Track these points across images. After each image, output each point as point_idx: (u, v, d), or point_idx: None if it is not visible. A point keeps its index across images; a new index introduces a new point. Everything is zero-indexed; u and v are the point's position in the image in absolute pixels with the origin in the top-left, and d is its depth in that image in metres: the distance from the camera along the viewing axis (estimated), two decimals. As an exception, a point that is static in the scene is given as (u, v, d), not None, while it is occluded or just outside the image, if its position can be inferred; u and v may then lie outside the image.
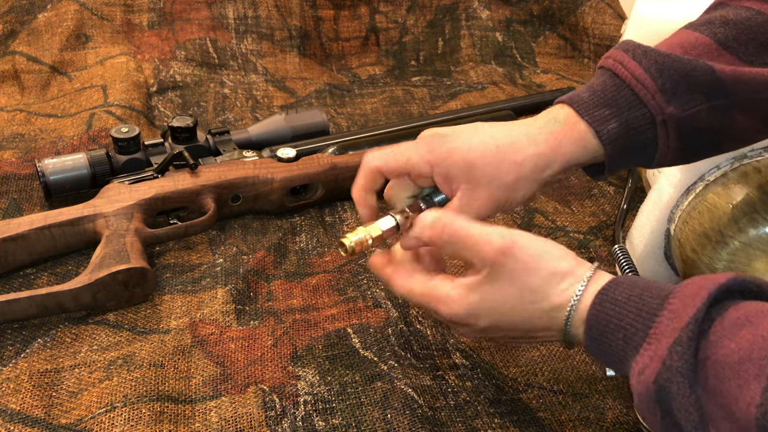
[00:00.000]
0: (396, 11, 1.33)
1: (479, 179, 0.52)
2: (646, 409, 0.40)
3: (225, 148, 0.85)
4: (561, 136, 0.52)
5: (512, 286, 0.47)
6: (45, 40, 1.12)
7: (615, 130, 0.51)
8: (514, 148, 0.52)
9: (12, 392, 0.57)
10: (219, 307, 0.67)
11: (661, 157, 0.53)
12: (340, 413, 0.57)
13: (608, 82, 0.52)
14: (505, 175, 0.52)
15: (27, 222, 0.70)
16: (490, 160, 0.51)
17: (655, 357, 0.39)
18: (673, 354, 0.38)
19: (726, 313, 0.38)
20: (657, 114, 0.50)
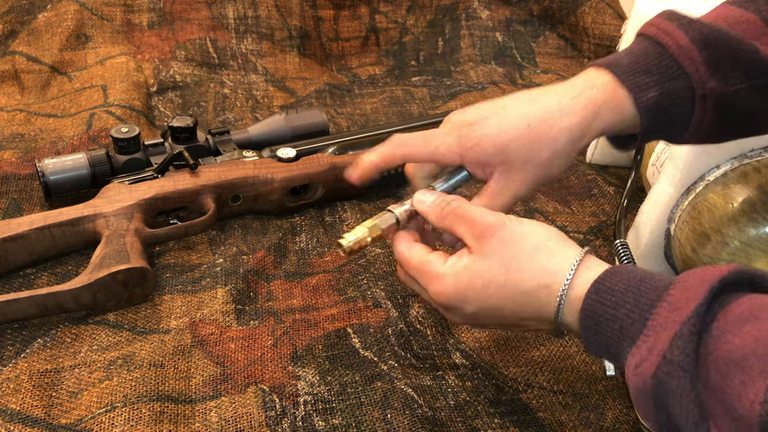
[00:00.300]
0: (396, 11, 1.33)
1: (513, 161, 0.51)
2: (641, 403, 0.39)
3: (225, 148, 0.85)
4: (600, 103, 0.50)
5: (498, 260, 0.46)
6: (45, 40, 1.12)
7: (654, 98, 0.49)
8: (548, 125, 0.50)
9: (12, 392, 0.57)
10: (219, 307, 0.67)
11: (692, 132, 0.51)
12: (340, 413, 0.57)
13: (650, 49, 0.50)
14: (540, 153, 0.50)
15: (27, 222, 0.70)
16: (523, 141, 0.50)
17: (654, 350, 0.38)
18: (674, 348, 0.36)
19: (729, 307, 0.37)
20: (698, 87, 0.49)
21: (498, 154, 0.51)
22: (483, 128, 0.51)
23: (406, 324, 0.66)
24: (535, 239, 0.46)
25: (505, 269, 0.46)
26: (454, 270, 0.48)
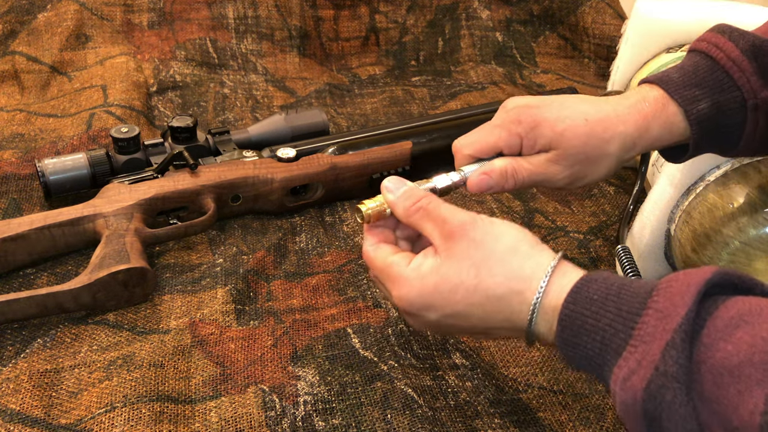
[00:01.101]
0: (396, 11, 1.33)
1: (566, 150, 0.51)
2: (630, 419, 0.37)
3: (225, 148, 0.85)
4: (650, 117, 0.51)
5: (468, 262, 0.44)
6: (45, 40, 1.12)
7: (705, 111, 0.49)
8: (603, 126, 0.51)
9: (12, 392, 0.57)
10: (219, 307, 0.67)
11: (746, 144, 0.51)
12: (340, 413, 0.57)
13: (701, 63, 0.51)
14: (592, 150, 0.51)
15: (27, 222, 0.70)
16: (579, 133, 0.50)
17: (644, 361, 0.36)
18: (667, 358, 0.34)
19: (717, 312, 0.35)
20: (750, 97, 0.49)
21: (553, 140, 0.51)
22: (543, 113, 0.52)
23: (406, 324, 0.66)
24: (507, 240, 0.44)
25: (476, 272, 0.44)
26: (418, 273, 0.46)
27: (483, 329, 0.45)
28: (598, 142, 0.51)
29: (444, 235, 0.46)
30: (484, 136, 0.54)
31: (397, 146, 0.88)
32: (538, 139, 0.52)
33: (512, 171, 0.53)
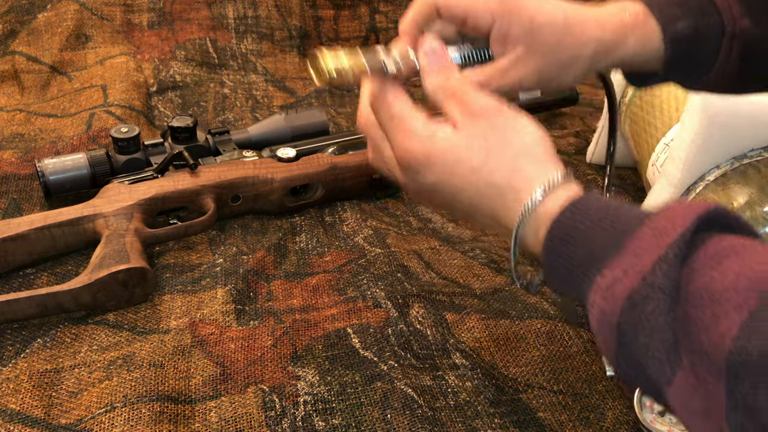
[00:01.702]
0: (396, 11, 1.32)
1: (538, 46, 0.48)
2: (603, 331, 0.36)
3: (225, 148, 0.85)
4: (629, 28, 0.49)
5: (482, 143, 0.43)
6: (45, 40, 1.12)
7: (682, 31, 0.49)
8: (582, 27, 0.49)
9: (12, 392, 0.57)
10: (219, 307, 0.67)
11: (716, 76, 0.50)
12: (340, 413, 0.57)
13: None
14: (566, 50, 0.49)
15: (27, 222, 0.70)
16: (556, 29, 0.48)
17: (631, 271, 0.34)
18: (657, 270, 0.33)
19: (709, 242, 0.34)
20: (729, 24, 0.48)
21: (527, 33, 0.48)
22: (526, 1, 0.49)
23: (406, 324, 0.66)
24: (526, 138, 0.43)
25: (485, 154, 0.43)
26: (432, 133, 0.45)
27: (469, 210, 0.45)
28: (574, 42, 0.49)
29: (466, 114, 0.44)
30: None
31: (397, 146, 0.88)
32: (513, 25, 0.48)
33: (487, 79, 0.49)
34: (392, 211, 0.86)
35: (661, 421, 0.55)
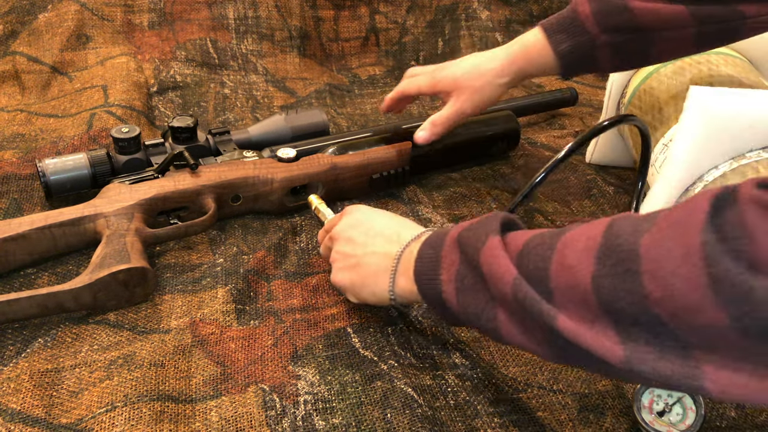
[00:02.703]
0: (396, 11, 1.33)
1: (461, 88, 0.78)
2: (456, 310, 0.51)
3: (225, 148, 0.85)
4: (517, 55, 0.76)
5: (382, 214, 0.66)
6: (45, 41, 1.13)
7: (568, 49, 0.73)
8: (480, 67, 0.77)
9: (12, 392, 0.57)
10: (219, 306, 0.67)
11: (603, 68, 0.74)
12: (340, 413, 0.57)
13: (568, 14, 0.73)
14: (476, 81, 0.77)
15: (27, 222, 0.70)
16: (467, 76, 0.77)
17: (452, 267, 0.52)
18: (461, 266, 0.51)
19: (514, 234, 0.49)
20: (596, 40, 0.71)
21: (452, 84, 0.78)
22: (446, 70, 0.80)
23: (406, 324, 0.67)
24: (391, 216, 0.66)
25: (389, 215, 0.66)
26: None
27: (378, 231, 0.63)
28: (479, 76, 0.77)
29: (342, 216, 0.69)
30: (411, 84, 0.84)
31: (397, 146, 0.88)
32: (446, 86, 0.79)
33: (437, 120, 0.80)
34: (392, 211, 0.86)
35: (660, 421, 0.55)
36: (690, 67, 0.84)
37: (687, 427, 0.54)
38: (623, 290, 0.38)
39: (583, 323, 0.40)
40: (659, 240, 0.37)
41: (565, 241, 0.43)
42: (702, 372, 0.36)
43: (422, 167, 0.92)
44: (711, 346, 0.35)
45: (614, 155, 0.97)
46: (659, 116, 0.82)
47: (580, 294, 0.41)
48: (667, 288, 0.36)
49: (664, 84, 0.85)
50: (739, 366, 0.35)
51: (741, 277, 0.33)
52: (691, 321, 0.35)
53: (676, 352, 0.37)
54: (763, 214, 0.33)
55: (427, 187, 0.92)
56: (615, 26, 0.70)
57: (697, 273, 0.34)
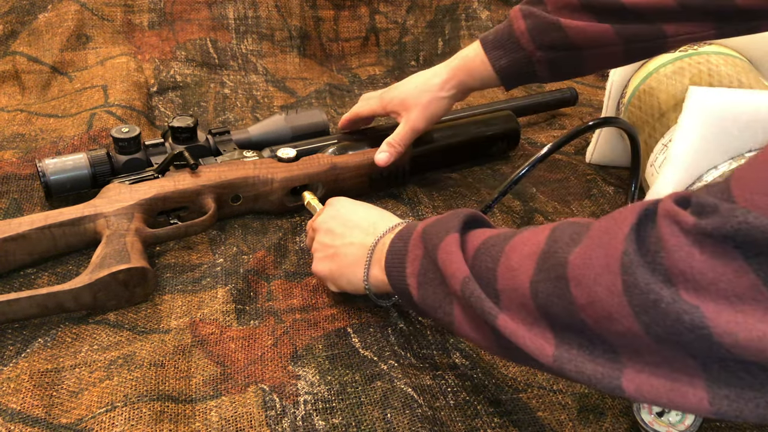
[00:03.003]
0: (396, 11, 1.33)
1: (409, 106, 0.81)
2: (422, 301, 0.53)
3: (225, 148, 0.85)
4: (458, 69, 0.79)
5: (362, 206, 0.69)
6: (45, 41, 1.13)
7: (506, 64, 0.76)
8: (425, 84, 0.81)
9: (12, 392, 0.57)
10: (219, 306, 0.67)
11: (541, 79, 0.76)
12: (340, 413, 0.57)
13: (506, 30, 0.76)
14: (422, 98, 0.80)
15: (27, 222, 0.70)
16: (413, 95, 0.81)
17: (411, 265, 0.55)
18: (424, 260, 0.53)
19: (469, 233, 0.51)
20: (532, 56, 0.74)
21: (401, 104, 0.82)
22: (394, 92, 0.83)
23: (406, 323, 0.67)
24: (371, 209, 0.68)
25: (367, 208, 0.68)
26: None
27: (356, 222, 0.65)
28: (424, 92, 0.80)
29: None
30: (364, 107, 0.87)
31: (397, 146, 0.88)
32: (395, 107, 0.83)
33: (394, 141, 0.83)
34: (392, 210, 0.86)
35: (660, 421, 0.55)
36: (690, 67, 0.84)
37: (686, 428, 0.54)
38: (555, 296, 0.40)
39: (523, 324, 0.43)
40: (587, 248, 0.39)
41: (514, 244, 0.45)
42: (622, 374, 0.37)
43: (422, 167, 0.92)
44: (634, 350, 0.37)
45: (614, 155, 0.97)
46: (659, 116, 0.82)
47: (520, 297, 0.43)
48: (591, 295, 0.37)
49: (664, 84, 0.85)
50: (655, 370, 0.36)
51: (650, 286, 0.34)
52: (611, 327, 0.37)
53: (606, 356, 0.38)
54: (675, 230, 0.34)
55: (427, 187, 0.92)
56: (549, 43, 0.72)
57: (615, 281, 0.36)
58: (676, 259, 0.33)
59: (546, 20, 0.72)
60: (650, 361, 0.36)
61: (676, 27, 0.67)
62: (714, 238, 0.32)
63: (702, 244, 0.33)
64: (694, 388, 0.34)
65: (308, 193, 0.80)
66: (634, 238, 0.36)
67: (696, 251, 0.33)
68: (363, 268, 0.62)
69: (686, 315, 0.32)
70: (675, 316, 0.33)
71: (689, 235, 0.33)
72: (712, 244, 0.32)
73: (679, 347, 0.34)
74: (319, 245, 0.67)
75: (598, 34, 0.69)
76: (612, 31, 0.69)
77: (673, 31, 0.68)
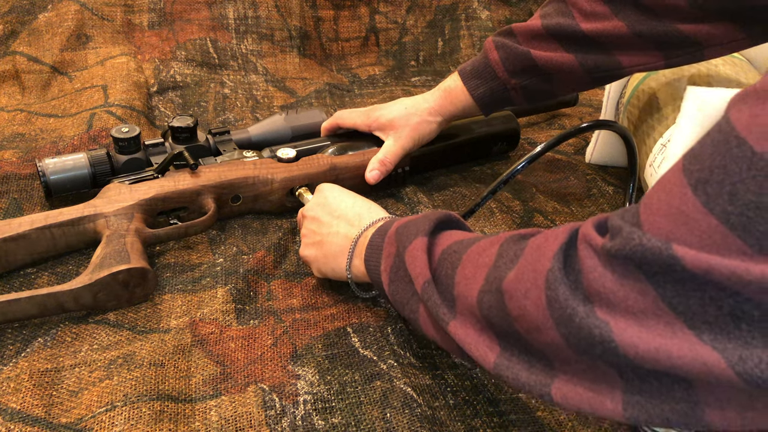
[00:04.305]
0: (396, 11, 1.33)
1: (399, 127, 0.85)
2: (394, 291, 0.56)
3: (225, 148, 0.85)
4: (444, 99, 0.84)
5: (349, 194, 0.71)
6: (45, 41, 1.13)
7: (483, 93, 0.81)
8: (415, 108, 0.85)
9: (12, 391, 0.58)
10: (219, 306, 0.67)
11: (520, 103, 0.82)
12: (340, 412, 0.57)
13: (482, 61, 0.81)
14: (412, 120, 0.84)
15: (27, 222, 0.70)
16: (402, 116, 0.85)
17: (387, 259, 0.58)
18: (396, 258, 0.56)
19: (442, 234, 0.54)
20: (507, 84, 0.79)
21: (388, 123, 0.85)
22: (381, 111, 0.86)
23: (406, 323, 0.67)
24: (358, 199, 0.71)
25: (353, 197, 0.70)
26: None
27: (344, 211, 0.68)
28: (413, 116, 0.84)
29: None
30: (347, 118, 0.89)
31: (396, 146, 0.88)
32: (381, 127, 0.86)
33: (385, 159, 0.85)
34: (392, 210, 0.86)
35: (659, 420, 0.55)
36: (689, 67, 0.84)
37: (686, 427, 0.54)
38: (495, 307, 0.42)
39: (474, 330, 0.45)
40: (522, 264, 0.41)
41: (470, 253, 0.48)
42: (552, 383, 0.39)
43: (422, 167, 0.92)
44: (562, 360, 0.39)
45: (614, 155, 0.97)
46: (658, 116, 0.83)
47: (470, 305, 0.45)
48: (521, 308, 0.40)
49: (663, 84, 0.85)
50: (580, 380, 0.38)
51: (567, 302, 0.36)
52: (540, 338, 0.39)
53: (541, 364, 0.40)
54: (590, 252, 0.36)
55: (427, 187, 0.92)
56: (521, 72, 0.78)
57: (540, 295, 0.38)
58: (591, 279, 0.36)
59: (517, 51, 0.77)
60: (577, 370, 0.38)
61: (629, 58, 0.72)
62: (618, 259, 0.35)
63: (612, 265, 0.35)
64: (612, 395, 0.36)
65: (303, 189, 0.82)
66: (561, 257, 0.38)
67: (608, 272, 0.35)
68: (346, 259, 0.65)
69: (596, 329, 0.35)
70: (587, 330, 0.35)
71: (601, 257, 0.36)
72: (619, 265, 0.35)
73: (595, 357, 0.36)
74: (307, 231, 0.70)
75: (564, 64, 0.74)
76: (575, 61, 0.74)
77: (627, 62, 0.72)
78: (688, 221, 0.32)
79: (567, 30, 0.73)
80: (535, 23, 0.76)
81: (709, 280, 0.31)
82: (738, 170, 0.30)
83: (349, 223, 0.66)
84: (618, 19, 0.70)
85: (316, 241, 0.69)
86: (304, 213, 0.72)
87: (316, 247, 0.69)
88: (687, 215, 0.32)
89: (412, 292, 0.54)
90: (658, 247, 0.32)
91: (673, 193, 0.33)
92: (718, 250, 0.31)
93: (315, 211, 0.70)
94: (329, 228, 0.67)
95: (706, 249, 0.31)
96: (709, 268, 0.31)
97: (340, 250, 0.66)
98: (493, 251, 0.45)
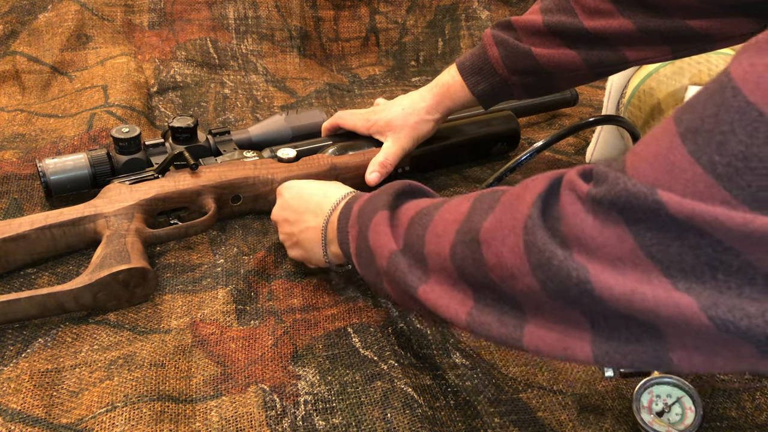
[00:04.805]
0: (396, 11, 1.33)
1: (398, 127, 0.84)
2: (363, 263, 0.56)
3: (225, 149, 0.85)
4: (441, 95, 0.83)
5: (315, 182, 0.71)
6: (46, 41, 1.13)
7: (483, 88, 0.80)
8: (412, 107, 0.84)
9: (13, 392, 0.57)
10: (219, 306, 0.67)
11: (519, 97, 0.82)
12: (340, 413, 0.57)
13: (481, 56, 0.80)
14: (410, 120, 0.84)
15: (28, 222, 0.70)
16: (400, 117, 0.84)
17: (352, 230, 0.58)
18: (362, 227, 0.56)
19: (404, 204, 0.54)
20: (508, 80, 0.79)
21: (387, 125, 0.85)
22: (380, 114, 0.86)
23: (406, 323, 0.67)
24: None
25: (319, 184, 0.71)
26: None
27: (308, 197, 0.68)
28: (411, 115, 0.84)
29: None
30: (347, 119, 0.89)
31: (397, 146, 0.88)
32: (380, 128, 0.86)
33: (386, 161, 0.84)
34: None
35: (660, 421, 0.55)
36: (689, 67, 0.84)
37: (686, 427, 0.54)
38: (470, 258, 0.43)
39: (445, 287, 0.46)
40: (499, 212, 0.42)
41: (441, 212, 0.48)
42: (523, 331, 0.40)
43: (422, 167, 0.92)
44: (535, 307, 0.39)
45: (614, 155, 0.97)
46: (658, 116, 0.82)
47: (441, 261, 0.46)
48: (497, 255, 0.40)
49: (663, 84, 0.85)
50: (552, 326, 0.39)
51: (546, 246, 0.37)
52: (515, 285, 0.39)
53: (513, 313, 0.41)
54: (573, 198, 0.37)
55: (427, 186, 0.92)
56: (522, 69, 0.77)
57: (518, 241, 0.39)
58: (572, 225, 0.36)
59: (517, 49, 0.76)
60: (549, 317, 0.39)
61: (636, 53, 0.71)
62: (602, 205, 0.35)
63: (595, 211, 0.35)
64: (582, 342, 0.37)
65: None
66: (540, 205, 0.38)
67: (589, 218, 0.35)
68: (321, 249, 0.66)
69: (574, 272, 0.35)
70: (565, 272, 0.36)
71: (585, 203, 0.36)
72: (602, 211, 0.35)
73: (569, 301, 0.36)
74: (283, 236, 0.71)
75: (567, 61, 0.74)
76: (579, 58, 0.73)
77: (633, 56, 0.71)
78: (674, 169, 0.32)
79: (569, 28, 0.72)
80: (536, 19, 0.75)
81: (692, 227, 0.31)
82: (729, 120, 0.30)
83: (313, 214, 0.67)
84: (624, 17, 0.68)
85: (294, 242, 0.69)
86: (274, 219, 0.73)
87: (296, 247, 0.70)
88: (673, 163, 0.32)
89: (376, 272, 0.54)
90: (643, 192, 0.33)
91: (661, 140, 0.33)
92: (702, 198, 0.31)
93: (281, 215, 0.71)
94: (299, 225, 0.68)
95: (690, 196, 0.31)
96: (692, 214, 0.31)
97: (315, 244, 0.66)
98: (466, 206, 0.46)
